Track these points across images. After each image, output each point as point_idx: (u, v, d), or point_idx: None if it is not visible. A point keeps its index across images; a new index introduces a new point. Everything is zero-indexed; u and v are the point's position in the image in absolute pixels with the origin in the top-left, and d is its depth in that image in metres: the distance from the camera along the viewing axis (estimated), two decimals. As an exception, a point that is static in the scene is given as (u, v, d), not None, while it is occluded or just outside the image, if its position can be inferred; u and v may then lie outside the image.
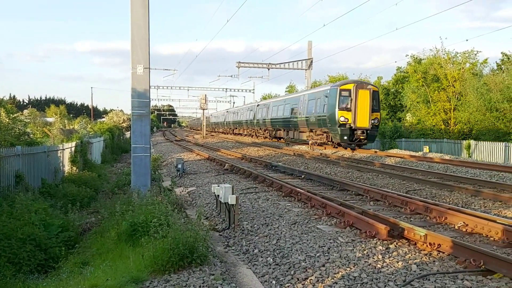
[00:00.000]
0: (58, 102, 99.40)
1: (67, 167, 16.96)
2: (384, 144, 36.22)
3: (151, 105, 14.15)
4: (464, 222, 7.53)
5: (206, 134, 55.40)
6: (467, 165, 15.87)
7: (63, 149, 16.52)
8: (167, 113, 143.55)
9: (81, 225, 10.05)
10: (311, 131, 28.10)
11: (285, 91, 69.26)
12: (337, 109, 23.40)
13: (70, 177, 15.78)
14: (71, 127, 34.00)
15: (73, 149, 18.02)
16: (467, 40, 42.12)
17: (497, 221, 7.38)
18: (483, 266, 5.31)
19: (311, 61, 41.61)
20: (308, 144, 27.62)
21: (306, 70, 41.66)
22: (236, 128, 53.70)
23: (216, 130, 69.68)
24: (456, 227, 7.58)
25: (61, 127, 29.95)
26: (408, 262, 5.63)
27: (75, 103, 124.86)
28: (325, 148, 26.25)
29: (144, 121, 12.01)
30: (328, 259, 5.82)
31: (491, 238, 6.89)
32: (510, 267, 5.08)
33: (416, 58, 40.64)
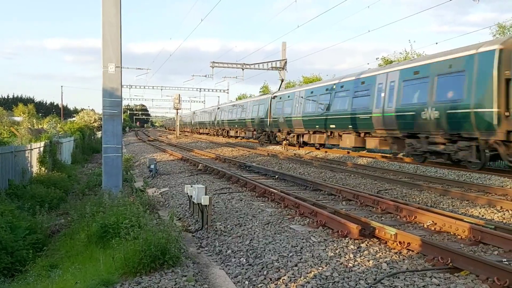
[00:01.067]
0: (27, 101, 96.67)
1: (35, 168, 16.51)
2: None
3: (123, 105, 13.96)
4: (433, 221, 7.72)
5: (180, 134, 55.07)
6: (436, 165, 16.26)
7: (31, 149, 16.07)
8: (140, 112, 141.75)
9: (50, 227, 9.79)
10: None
11: (259, 91, 69.45)
12: None
13: (38, 178, 15.36)
14: (40, 126, 33.08)
15: (41, 149, 17.55)
16: (436, 43, 43.37)
17: (464, 219, 7.60)
18: (450, 264, 5.44)
19: (285, 62, 41.84)
20: (282, 144, 27.74)
21: (280, 71, 41.87)
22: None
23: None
24: (425, 226, 7.75)
25: (29, 126, 29.11)
26: (378, 261, 5.72)
27: (44, 102, 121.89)
28: (298, 149, 26.44)
29: (115, 120, 11.81)
30: (300, 259, 5.85)
31: (458, 237, 7.08)
32: (476, 265, 5.23)
33: (387, 60, 41.41)
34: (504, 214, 8.80)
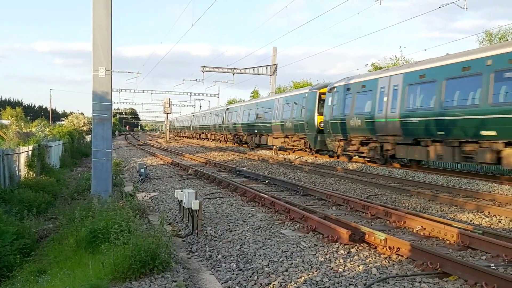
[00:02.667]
0: (15, 104, 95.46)
1: (23, 172, 16.32)
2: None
3: (113, 109, 13.90)
4: (422, 226, 7.78)
5: (170, 139, 54.95)
6: (425, 171, 16.40)
7: (19, 153, 15.89)
8: (130, 116, 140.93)
9: (38, 232, 9.67)
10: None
11: (250, 96, 69.56)
12: None
13: (26, 182, 15.17)
14: (28, 130, 32.80)
15: (30, 153, 17.36)
16: (425, 50, 43.89)
17: (453, 225, 7.67)
18: (439, 269, 5.49)
19: (276, 67, 41.98)
20: (272, 149, 27.96)
21: (271, 75, 41.99)
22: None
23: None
24: (414, 231, 7.81)
25: (17, 130, 28.85)
26: (368, 266, 5.75)
27: (33, 105, 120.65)
28: (289, 154, 26.57)
29: (105, 124, 11.74)
30: (291, 264, 5.86)
31: (447, 242, 7.14)
32: (465, 269, 5.28)
33: (377, 66, 41.71)
34: (492, 220, 8.90)
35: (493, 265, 5.82)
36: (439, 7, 18.03)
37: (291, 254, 6.32)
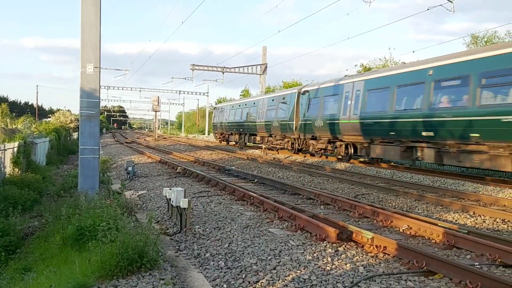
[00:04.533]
0: (0, 100, 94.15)
1: (8, 169, 16.12)
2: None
3: (101, 106, 13.79)
4: (408, 225, 7.86)
5: (158, 137, 54.70)
6: (411, 171, 16.57)
7: (5, 150, 15.69)
8: (118, 114, 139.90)
9: (23, 230, 9.58)
10: None
11: (240, 95, 69.50)
12: None
13: (11, 179, 15.00)
14: (13, 126, 32.36)
15: (15, 149, 17.16)
16: (413, 52, 44.28)
17: (439, 224, 7.77)
18: (425, 267, 5.56)
19: (266, 66, 42.07)
20: (262, 148, 28.04)
21: (260, 75, 42.05)
22: None
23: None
24: (401, 230, 7.89)
25: (2, 126, 28.46)
26: (355, 264, 5.80)
27: (18, 102, 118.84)
28: (278, 153, 26.64)
29: (93, 122, 11.65)
30: (279, 262, 5.88)
31: (433, 241, 7.23)
32: (450, 268, 5.36)
33: (366, 67, 42.01)
34: (476, 219, 9.03)
35: (477, 264, 5.92)
36: (428, 9, 18.26)
37: (279, 252, 6.35)
